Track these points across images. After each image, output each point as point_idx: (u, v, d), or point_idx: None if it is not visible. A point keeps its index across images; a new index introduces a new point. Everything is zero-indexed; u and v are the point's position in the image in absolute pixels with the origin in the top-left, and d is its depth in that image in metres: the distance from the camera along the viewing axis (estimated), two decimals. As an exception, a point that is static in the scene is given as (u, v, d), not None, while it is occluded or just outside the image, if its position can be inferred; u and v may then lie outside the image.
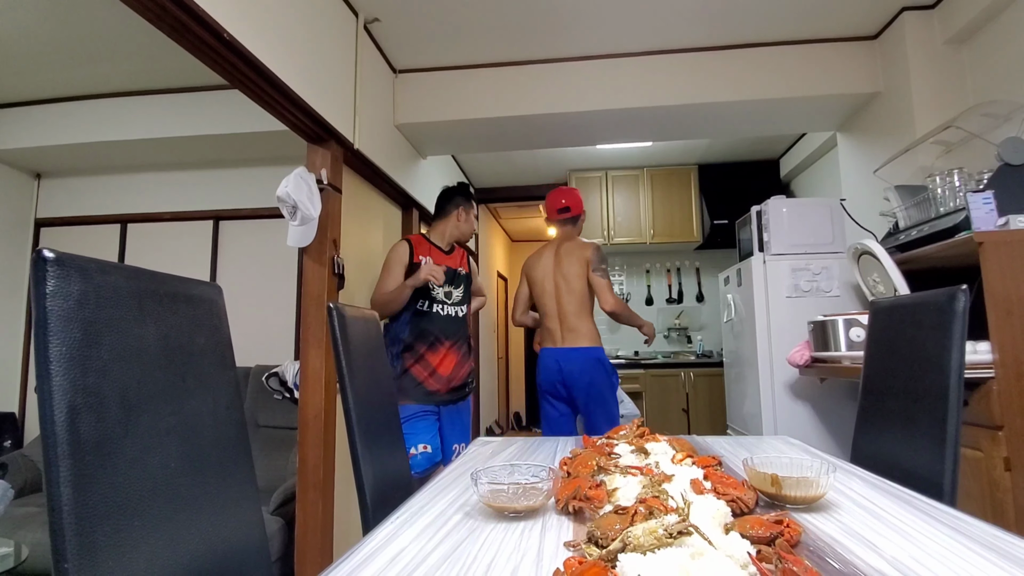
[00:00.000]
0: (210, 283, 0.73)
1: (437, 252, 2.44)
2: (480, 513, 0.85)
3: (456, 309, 2.42)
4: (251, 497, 0.71)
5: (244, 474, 0.70)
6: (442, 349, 2.33)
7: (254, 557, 0.69)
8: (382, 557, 0.66)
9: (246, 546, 0.68)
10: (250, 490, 0.71)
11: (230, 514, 0.66)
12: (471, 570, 0.63)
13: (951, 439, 0.98)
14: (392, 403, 1.28)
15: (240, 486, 0.69)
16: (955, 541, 0.69)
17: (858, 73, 2.79)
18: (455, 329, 2.40)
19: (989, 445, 1.67)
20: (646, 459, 1.09)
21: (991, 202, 1.74)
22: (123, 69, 3.00)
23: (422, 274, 2.24)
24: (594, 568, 0.51)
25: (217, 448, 0.66)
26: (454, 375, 2.36)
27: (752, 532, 0.66)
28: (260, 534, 0.70)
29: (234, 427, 0.70)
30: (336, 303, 1.04)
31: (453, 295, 2.42)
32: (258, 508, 0.72)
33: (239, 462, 0.69)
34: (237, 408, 0.71)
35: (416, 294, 2.31)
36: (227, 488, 0.66)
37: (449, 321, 2.38)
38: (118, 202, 3.76)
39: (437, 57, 2.97)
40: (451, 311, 2.40)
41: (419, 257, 2.37)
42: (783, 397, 2.51)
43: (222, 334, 0.72)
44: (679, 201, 4.83)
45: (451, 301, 2.41)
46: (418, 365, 2.30)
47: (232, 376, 0.72)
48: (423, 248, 2.42)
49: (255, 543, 0.69)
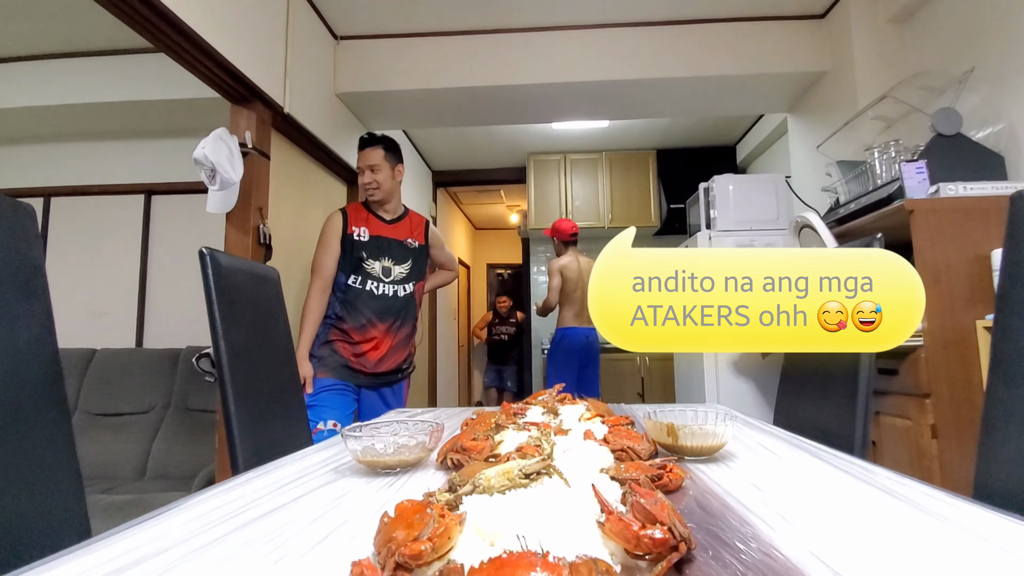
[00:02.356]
0: (13, 200, 0.62)
1: (376, 222, 2.12)
2: (352, 471, 0.77)
3: (397, 287, 2.09)
4: (62, 460, 0.60)
5: (51, 428, 0.59)
6: (374, 333, 2.03)
7: (61, 536, 0.58)
8: (202, 508, 0.57)
9: (48, 520, 0.57)
10: (61, 450, 0.60)
11: (27, 476, 0.55)
12: (294, 520, 0.54)
13: (862, 392, 0.94)
14: (290, 372, 1.18)
15: (45, 442, 0.58)
16: (850, 486, 0.64)
17: (807, 52, 2.79)
18: (395, 310, 2.07)
19: (917, 413, 1.67)
20: (555, 419, 1.02)
21: (924, 171, 1.73)
22: (41, 28, 2.77)
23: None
24: (415, 506, 0.44)
25: (11, 388, 0.55)
26: (385, 361, 2.06)
27: (625, 475, 0.59)
28: (72, 507, 0.60)
29: (38, 367, 0.59)
30: (211, 249, 0.94)
31: (394, 271, 2.10)
32: (74, 475, 0.61)
33: (43, 411, 0.58)
34: (47, 347, 0.61)
35: (347, 267, 2.04)
36: (22, 441, 0.55)
37: (385, 301, 2.05)
38: (40, 174, 3.51)
39: (382, 24, 2.84)
40: (388, 290, 2.07)
41: (353, 228, 2.07)
42: (726, 374, 2.49)
43: (27, 258, 0.61)
44: (637, 185, 4.81)
45: (390, 278, 2.09)
46: (343, 342, 2.03)
47: (43, 310, 0.61)
48: (359, 217, 2.11)
49: (64, 517, 0.59)
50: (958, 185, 1.69)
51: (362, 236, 2.07)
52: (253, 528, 0.52)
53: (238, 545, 0.48)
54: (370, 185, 2.09)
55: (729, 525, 0.51)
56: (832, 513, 0.55)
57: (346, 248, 2.04)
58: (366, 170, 2.09)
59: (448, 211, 6.14)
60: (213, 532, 0.51)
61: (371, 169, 2.08)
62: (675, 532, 0.41)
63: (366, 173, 2.09)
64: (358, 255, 2.03)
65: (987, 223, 1.65)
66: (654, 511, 0.43)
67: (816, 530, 0.49)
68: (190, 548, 0.47)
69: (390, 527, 0.42)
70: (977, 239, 1.65)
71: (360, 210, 2.15)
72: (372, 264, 2.07)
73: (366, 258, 2.05)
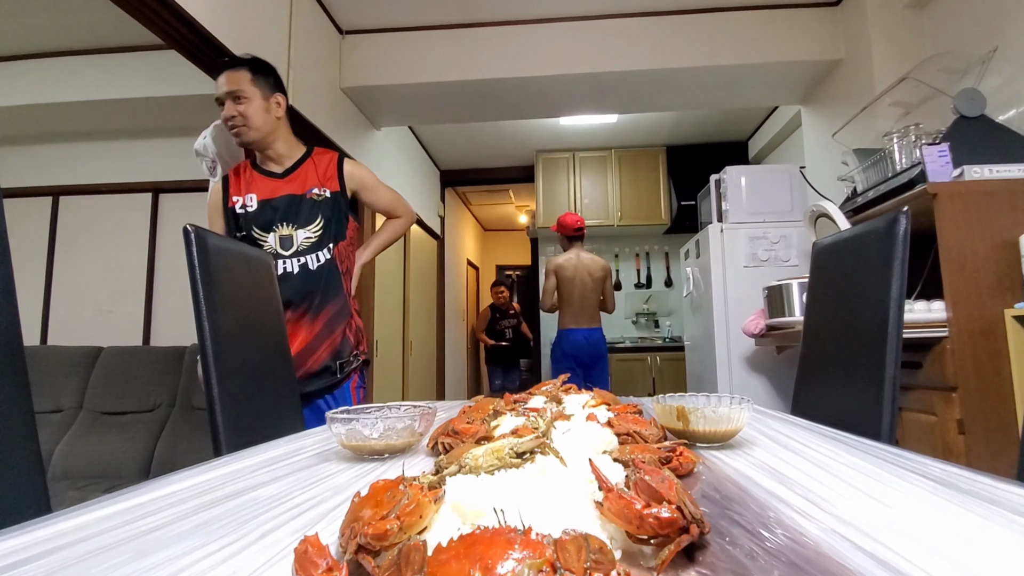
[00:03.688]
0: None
1: (264, 181, 1.60)
2: (338, 456, 0.72)
3: (305, 259, 1.55)
4: (19, 436, 0.55)
5: (6, 403, 0.55)
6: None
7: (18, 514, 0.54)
8: (163, 491, 0.52)
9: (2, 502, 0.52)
10: (17, 426, 0.55)
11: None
12: (258, 504, 0.49)
13: (889, 378, 0.87)
14: (282, 359, 1.13)
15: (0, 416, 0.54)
16: (880, 470, 0.58)
17: (821, 40, 2.72)
18: (305, 289, 1.54)
19: (943, 407, 1.59)
20: (558, 407, 0.96)
21: (946, 154, 1.65)
22: (47, 25, 2.78)
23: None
24: (387, 485, 0.38)
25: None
26: (306, 359, 1.54)
27: (630, 457, 0.53)
28: (29, 483, 0.55)
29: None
30: (196, 226, 0.90)
31: (297, 239, 1.55)
32: (32, 452, 0.56)
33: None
34: (4, 316, 0.56)
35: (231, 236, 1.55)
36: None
37: (290, 281, 1.52)
38: (50, 174, 3.52)
39: (387, 17, 2.81)
40: (291, 265, 1.54)
41: (234, 200, 1.57)
42: (739, 370, 2.42)
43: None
44: (647, 183, 4.74)
45: (291, 250, 1.55)
46: None
47: (2, 275, 0.57)
48: (241, 182, 1.61)
49: (19, 494, 0.54)
50: (983, 168, 1.61)
51: (249, 205, 1.56)
52: (212, 511, 0.47)
53: (191, 527, 0.43)
54: (234, 121, 1.55)
55: (749, 510, 0.45)
56: (863, 497, 0.48)
57: (230, 225, 1.57)
58: (226, 100, 1.55)
59: (457, 211, 6.11)
60: (165, 514, 0.46)
61: (233, 98, 1.53)
62: (685, 512, 0.35)
63: (227, 105, 1.55)
64: (247, 231, 1.55)
65: (1015, 207, 1.57)
66: (660, 489, 0.37)
67: (847, 515, 0.43)
68: (139, 529, 0.42)
69: (358, 506, 0.36)
70: (1004, 224, 1.57)
71: (244, 171, 1.63)
72: (266, 237, 1.55)
73: (258, 231, 1.55)
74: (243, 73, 1.55)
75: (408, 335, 4.18)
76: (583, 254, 3.33)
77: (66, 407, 2.79)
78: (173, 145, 3.44)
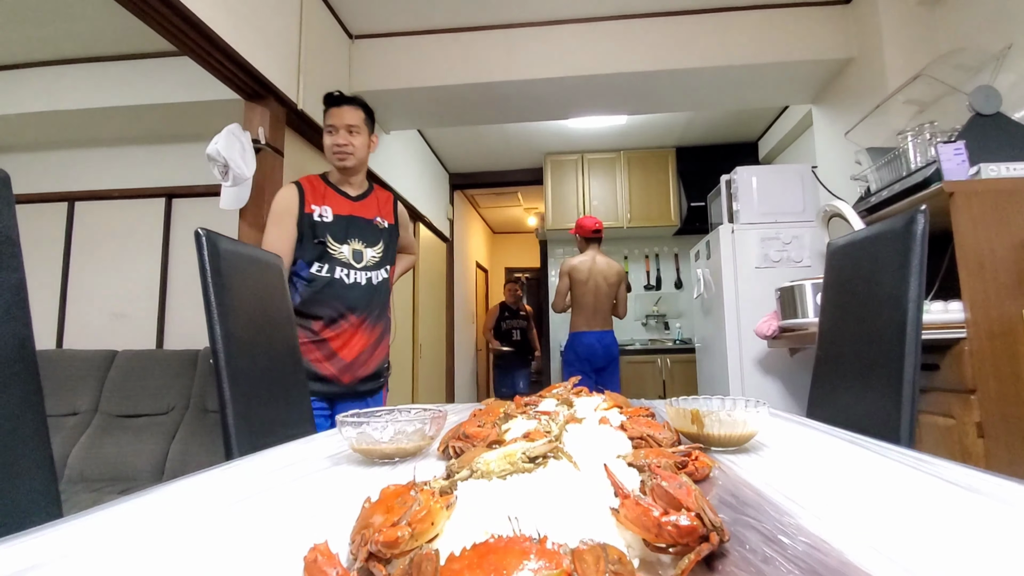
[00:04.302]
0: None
1: (340, 199, 1.77)
2: (349, 459, 0.71)
3: (371, 275, 1.77)
4: (29, 440, 0.55)
5: (17, 406, 0.55)
6: (347, 326, 1.70)
7: (28, 517, 0.54)
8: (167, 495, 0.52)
9: (8, 501, 0.52)
10: (28, 430, 0.55)
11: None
12: (266, 509, 0.49)
13: (908, 380, 0.85)
14: (293, 361, 1.13)
15: (9, 421, 0.54)
16: (903, 475, 0.56)
17: (831, 38, 2.69)
18: (369, 301, 1.75)
19: (961, 411, 1.56)
20: (568, 410, 0.95)
21: (962, 152, 1.63)
22: (62, 32, 2.82)
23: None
24: (398, 489, 0.38)
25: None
26: (361, 361, 1.73)
27: (645, 462, 0.52)
28: (40, 487, 0.55)
29: (6, 340, 0.55)
30: (208, 230, 0.90)
31: (366, 255, 1.76)
32: (44, 457, 0.56)
33: (9, 387, 0.54)
34: (16, 321, 0.57)
35: (308, 253, 1.69)
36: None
37: (359, 291, 1.73)
38: (65, 179, 3.57)
39: (396, 21, 2.82)
40: (360, 277, 1.74)
41: (312, 207, 1.71)
42: (752, 372, 2.39)
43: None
44: (656, 184, 4.72)
45: (361, 264, 1.75)
46: (310, 343, 1.67)
47: (14, 281, 0.57)
48: (317, 193, 1.74)
49: (31, 498, 0.54)
50: (1000, 166, 1.58)
51: (325, 216, 1.72)
52: (218, 518, 0.47)
53: (195, 534, 0.43)
54: (344, 148, 1.74)
55: (767, 516, 0.44)
56: (887, 503, 0.47)
57: (305, 231, 1.69)
58: (341, 130, 1.74)
59: (465, 214, 6.12)
60: (172, 521, 0.46)
61: (349, 130, 1.74)
62: (705, 519, 0.34)
63: (340, 133, 1.73)
64: (321, 239, 1.70)
65: (1034, 206, 1.54)
66: (679, 495, 0.36)
67: (871, 521, 0.42)
68: (147, 534, 0.42)
69: (368, 512, 0.36)
70: (1023, 223, 1.54)
71: (318, 184, 1.78)
72: (339, 248, 1.72)
73: (331, 241, 1.71)
74: (359, 112, 1.79)
75: (417, 337, 4.19)
76: (599, 257, 3.32)
77: (82, 410, 2.82)
78: (185, 150, 3.48)
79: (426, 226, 4.41)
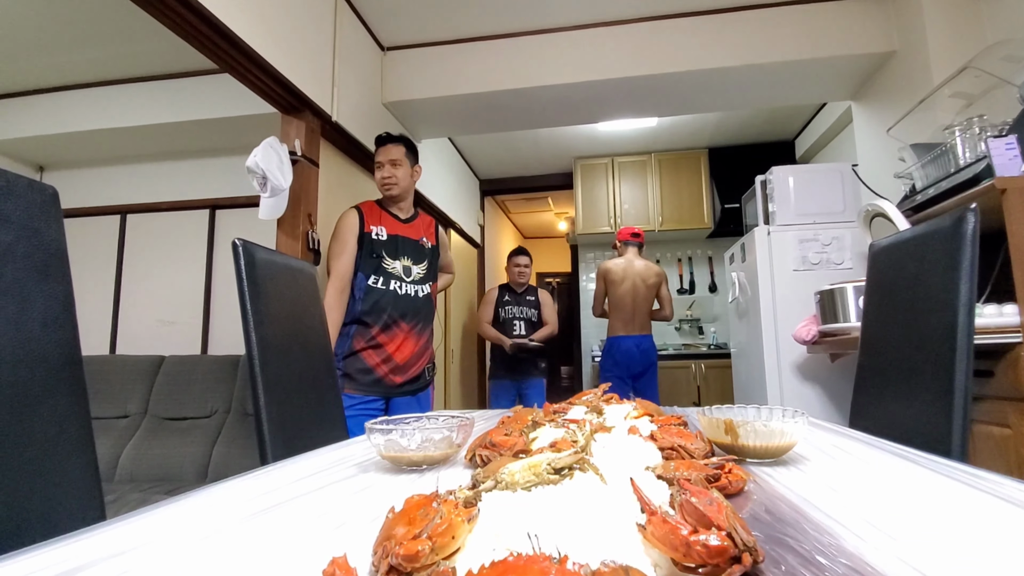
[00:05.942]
0: (32, 180, 0.61)
1: (392, 220, 2.10)
2: (376, 467, 0.72)
3: (417, 288, 2.07)
4: (74, 444, 0.58)
5: (63, 412, 0.58)
6: (399, 332, 2.00)
7: (72, 521, 0.56)
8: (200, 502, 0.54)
9: (53, 504, 0.55)
10: (73, 434, 0.58)
11: (34, 459, 0.54)
12: (293, 517, 0.50)
13: (960, 389, 0.81)
14: (326, 367, 1.15)
15: (56, 426, 0.57)
16: (952, 490, 0.53)
17: (872, 32, 2.59)
18: (417, 311, 2.06)
19: (1018, 419, 1.46)
20: (598, 418, 0.94)
21: (1014, 147, 1.54)
22: (113, 55, 2.97)
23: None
24: (421, 500, 0.38)
25: (20, 368, 0.54)
26: (412, 363, 2.04)
27: (674, 474, 0.51)
28: (84, 491, 0.58)
29: (54, 350, 0.58)
30: (244, 240, 0.93)
31: (413, 271, 2.07)
32: (88, 461, 0.59)
33: (56, 394, 0.57)
34: (65, 330, 0.60)
35: (366, 267, 1.99)
36: (29, 423, 0.54)
37: (408, 301, 2.03)
38: (118, 193, 3.75)
39: (426, 32, 2.87)
40: (410, 290, 2.05)
41: (370, 227, 2.03)
42: (790, 379, 2.31)
43: (45, 239, 0.60)
44: (688, 187, 4.63)
45: (411, 278, 2.06)
46: (369, 348, 1.95)
47: (61, 292, 0.60)
48: (374, 216, 2.07)
49: (75, 502, 0.57)
50: (1059, 161, 1.48)
51: (380, 235, 2.03)
52: (249, 524, 0.48)
53: (228, 541, 0.44)
54: (389, 180, 2.08)
55: (805, 534, 0.42)
56: (936, 522, 0.44)
57: (364, 247, 2.00)
58: (386, 164, 2.08)
59: (496, 220, 6.14)
60: (202, 529, 0.47)
61: (392, 163, 2.07)
62: (736, 539, 0.33)
63: (385, 167, 2.08)
64: (377, 254, 2.01)
65: (1097, 202, 1.44)
66: (709, 513, 0.35)
67: (918, 542, 0.40)
68: (182, 540, 0.43)
69: (391, 523, 0.36)
70: (1086, 220, 1.44)
71: (374, 208, 2.11)
72: (392, 263, 2.03)
73: (386, 257, 2.02)
74: (401, 148, 2.12)
75: (449, 343, 4.22)
76: (637, 260, 3.25)
77: (132, 412, 2.95)
78: (228, 163, 3.62)
79: (457, 232, 4.44)
